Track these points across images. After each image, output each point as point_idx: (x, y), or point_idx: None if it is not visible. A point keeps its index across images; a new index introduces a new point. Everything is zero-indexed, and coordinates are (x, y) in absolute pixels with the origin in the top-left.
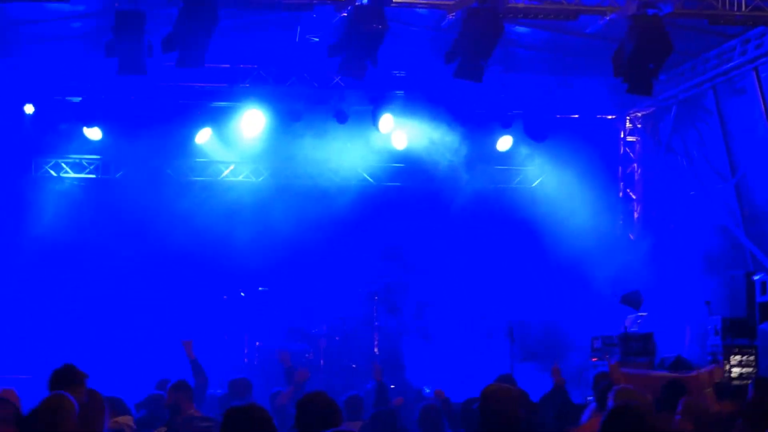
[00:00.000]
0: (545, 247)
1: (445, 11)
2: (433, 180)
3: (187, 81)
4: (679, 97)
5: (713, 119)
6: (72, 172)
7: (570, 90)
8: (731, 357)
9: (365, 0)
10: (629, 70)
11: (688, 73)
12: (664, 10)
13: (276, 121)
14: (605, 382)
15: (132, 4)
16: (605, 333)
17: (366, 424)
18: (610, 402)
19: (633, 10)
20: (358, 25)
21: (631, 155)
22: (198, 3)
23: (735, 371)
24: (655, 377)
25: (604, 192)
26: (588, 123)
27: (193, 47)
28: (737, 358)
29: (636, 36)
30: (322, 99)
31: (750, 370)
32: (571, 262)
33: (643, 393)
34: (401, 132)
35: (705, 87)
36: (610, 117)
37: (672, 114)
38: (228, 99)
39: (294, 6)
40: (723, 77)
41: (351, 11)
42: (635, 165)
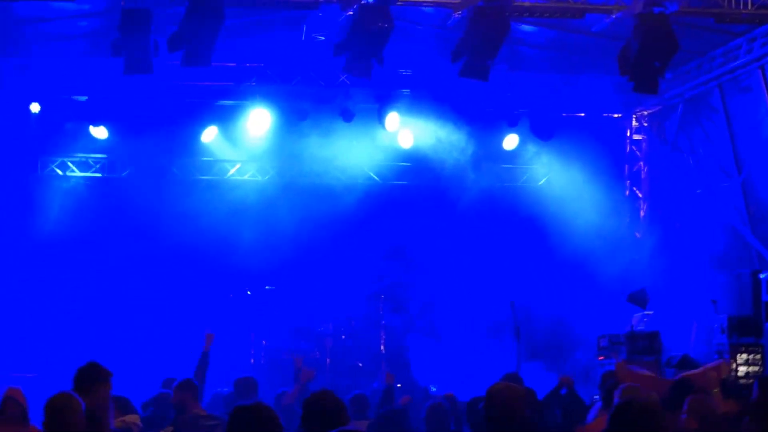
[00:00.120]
0: (551, 246)
1: (451, 10)
2: (440, 178)
3: (193, 80)
4: (685, 96)
5: (719, 118)
6: (78, 170)
7: (576, 88)
8: (738, 355)
9: None
10: (635, 68)
11: (694, 72)
12: (670, 8)
13: (282, 120)
14: (612, 380)
15: (138, 2)
16: (612, 331)
17: (375, 422)
18: (616, 400)
19: (639, 8)
20: (363, 24)
21: (638, 154)
22: (204, 2)
23: (741, 370)
24: (663, 381)
25: (610, 190)
26: (594, 121)
27: (199, 46)
28: (744, 356)
29: (642, 34)
30: (328, 98)
31: (757, 368)
32: (578, 260)
33: (650, 392)
34: (407, 131)
35: (711, 85)
36: (616, 115)
37: (678, 112)
38: (234, 98)
39: (300, 5)
40: (729, 75)
41: (357, 10)
42: (641, 163)
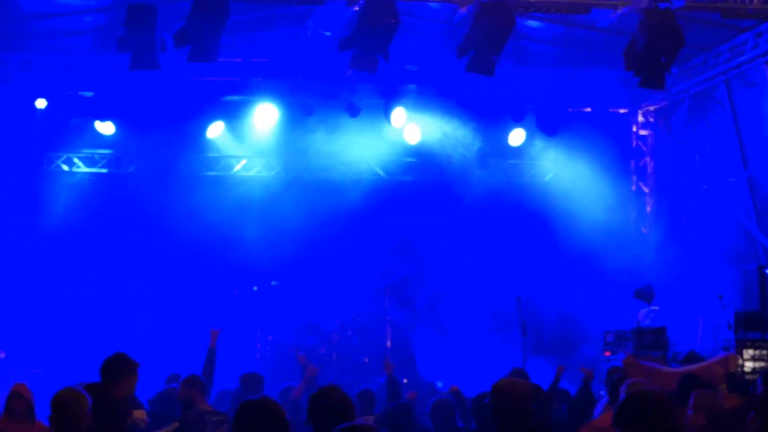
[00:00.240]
0: (557, 241)
1: (457, 5)
2: (446, 174)
3: (199, 75)
4: (692, 91)
5: (726, 113)
6: (84, 166)
7: (582, 84)
8: (744, 351)
9: None
10: (641, 63)
11: (700, 67)
12: (675, 3)
13: (288, 115)
14: (618, 376)
15: None
16: (618, 327)
17: (382, 417)
18: (622, 395)
19: (645, 3)
20: (370, 19)
21: (644, 149)
22: None
23: (748, 365)
24: (672, 373)
25: (616, 186)
26: (600, 117)
27: (205, 42)
28: (750, 352)
29: (648, 30)
30: (334, 93)
31: (763, 364)
32: (584, 255)
33: (657, 386)
34: (413, 126)
35: (717, 80)
36: (622, 111)
37: (684, 107)
38: (240, 93)
39: (306, 0)
40: (735, 71)
41: (363, 5)
42: (648, 158)
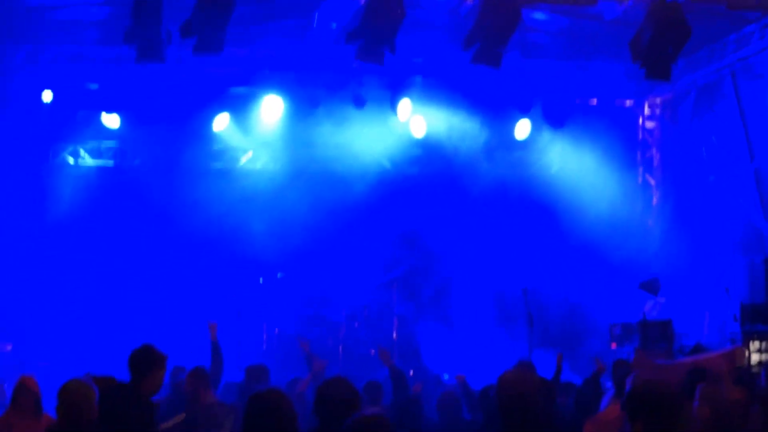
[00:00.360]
0: (564, 233)
1: None
2: (452, 166)
3: (205, 67)
4: (698, 83)
5: (732, 104)
6: (90, 158)
7: (588, 76)
8: (750, 343)
9: None
10: (648, 55)
11: (706, 59)
12: None
13: (294, 108)
14: (624, 369)
15: None
16: (624, 319)
17: (389, 410)
18: (628, 388)
19: None
20: (376, 11)
21: (650, 141)
22: None
23: (754, 358)
24: (680, 365)
25: (623, 178)
26: (607, 109)
27: (211, 34)
28: (756, 344)
29: (654, 21)
30: (340, 85)
31: None
32: (590, 247)
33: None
34: (420, 118)
35: (724, 72)
36: (628, 103)
37: (690, 99)
38: (246, 85)
39: None
40: (741, 62)
41: None
42: (654, 150)
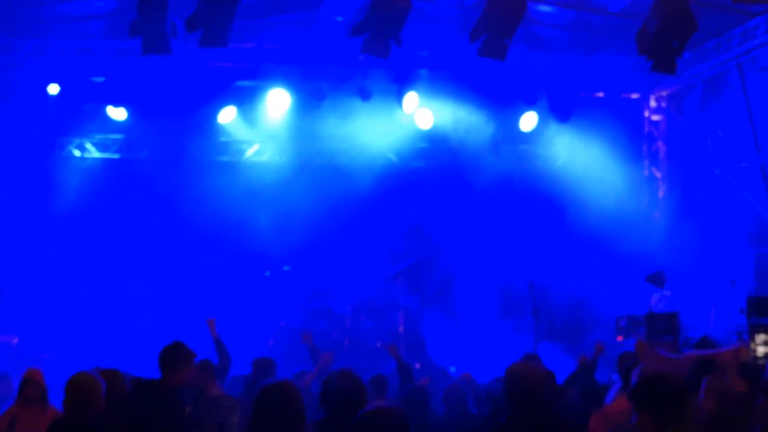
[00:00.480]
0: (570, 226)
1: None
2: (458, 159)
3: (211, 61)
4: (704, 76)
5: (738, 97)
6: (96, 151)
7: (594, 69)
8: (756, 336)
9: None
10: (653, 48)
11: (712, 52)
12: None
13: (300, 101)
14: (630, 361)
15: None
16: (630, 312)
17: (396, 402)
18: (634, 381)
19: None
20: (381, 4)
21: (656, 134)
22: None
23: (760, 350)
24: (685, 358)
25: (628, 171)
26: (613, 102)
27: (217, 27)
28: (762, 337)
29: (660, 14)
30: (346, 78)
31: None
32: (596, 240)
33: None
34: (426, 111)
35: (729, 65)
36: (634, 96)
37: (696, 92)
38: (252, 78)
39: None
40: (747, 55)
41: None
42: (660, 143)
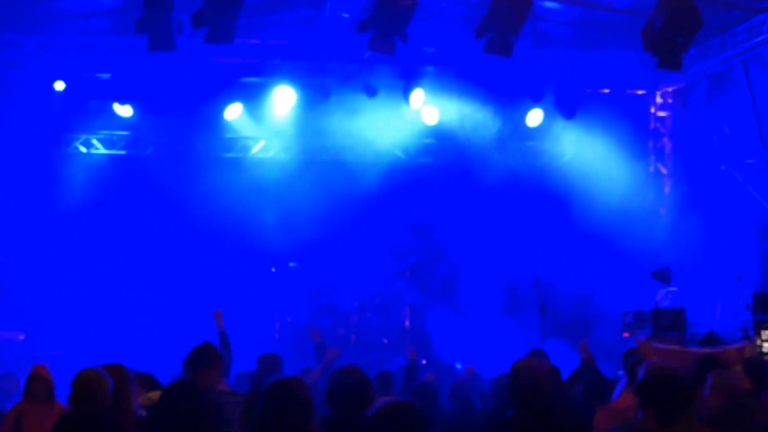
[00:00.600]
0: (576, 222)
1: None
2: (464, 155)
3: (217, 57)
4: (709, 72)
5: (743, 94)
6: (102, 148)
7: (600, 65)
8: (762, 332)
9: None
10: (659, 44)
11: (717, 48)
12: None
13: (306, 97)
14: (636, 357)
15: None
16: (636, 307)
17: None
18: (640, 377)
19: None
20: (387, 1)
21: (662, 130)
22: None
23: (766, 347)
24: (687, 353)
25: (634, 167)
26: (618, 98)
27: (223, 23)
28: None
29: (665, 10)
30: (352, 75)
31: None
32: (602, 236)
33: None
34: (432, 107)
35: (735, 62)
36: (640, 92)
37: (702, 89)
38: (258, 75)
39: None
40: (752, 52)
41: None
42: (666, 140)
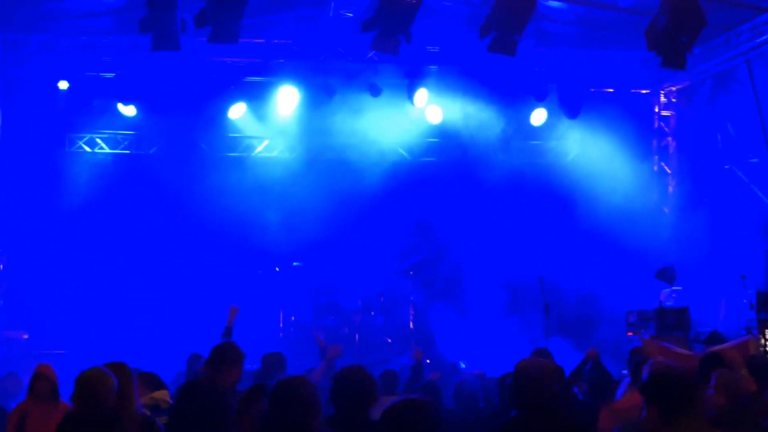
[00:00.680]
0: (579, 221)
1: None
2: (468, 155)
3: (221, 56)
4: (713, 71)
5: (747, 93)
6: (106, 147)
7: (604, 64)
8: (766, 331)
9: None
10: (663, 43)
11: (721, 47)
12: None
13: (310, 97)
14: (640, 356)
15: None
16: (640, 307)
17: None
18: (644, 376)
19: None
20: (391, 1)
21: (666, 129)
22: None
23: None
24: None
25: (638, 166)
26: (622, 97)
27: (226, 23)
28: None
29: (669, 9)
30: (356, 74)
31: None
32: (606, 235)
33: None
34: (436, 107)
35: (738, 61)
36: (644, 91)
37: (706, 88)
38: (262, 74)
39: None
40: (756, 51)
41: None
42: (670, 139)
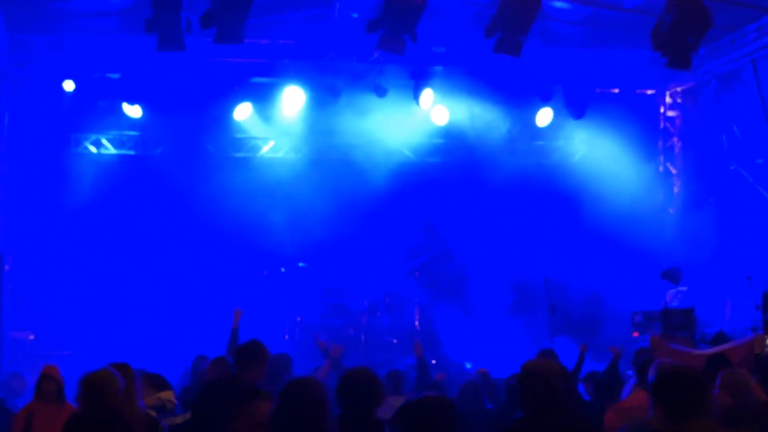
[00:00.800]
0: (585, 222)
1: None
2: (474, 155)
3: (226, 57)
4: (718, 72)
5: (753, 93)
6: (112, 148)
7: (609, 65)
8: None
9: None
10: (668, 44)
11: (726, 47)
12: None
13: (315, 97)
14: (646, 356)
15: None
16: (646, 307)
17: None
18: (650, 376)
19: None
20: (397, 1)
21: (671, 130)
22: None
23: None
24: (698, 356)
25: (644, 166)
26: (628, 98)
27: (232, 23)
28: None
29: (675, 10)
30: (361, 74)
31: None
32: (611, 236)
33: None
34: (442, 107)
35: (744, 61)
36: (649, 92)
37: (711, 88)
38: (267, 75)
39: None
40: (762, 51)
41: None
42: (675, 139)
